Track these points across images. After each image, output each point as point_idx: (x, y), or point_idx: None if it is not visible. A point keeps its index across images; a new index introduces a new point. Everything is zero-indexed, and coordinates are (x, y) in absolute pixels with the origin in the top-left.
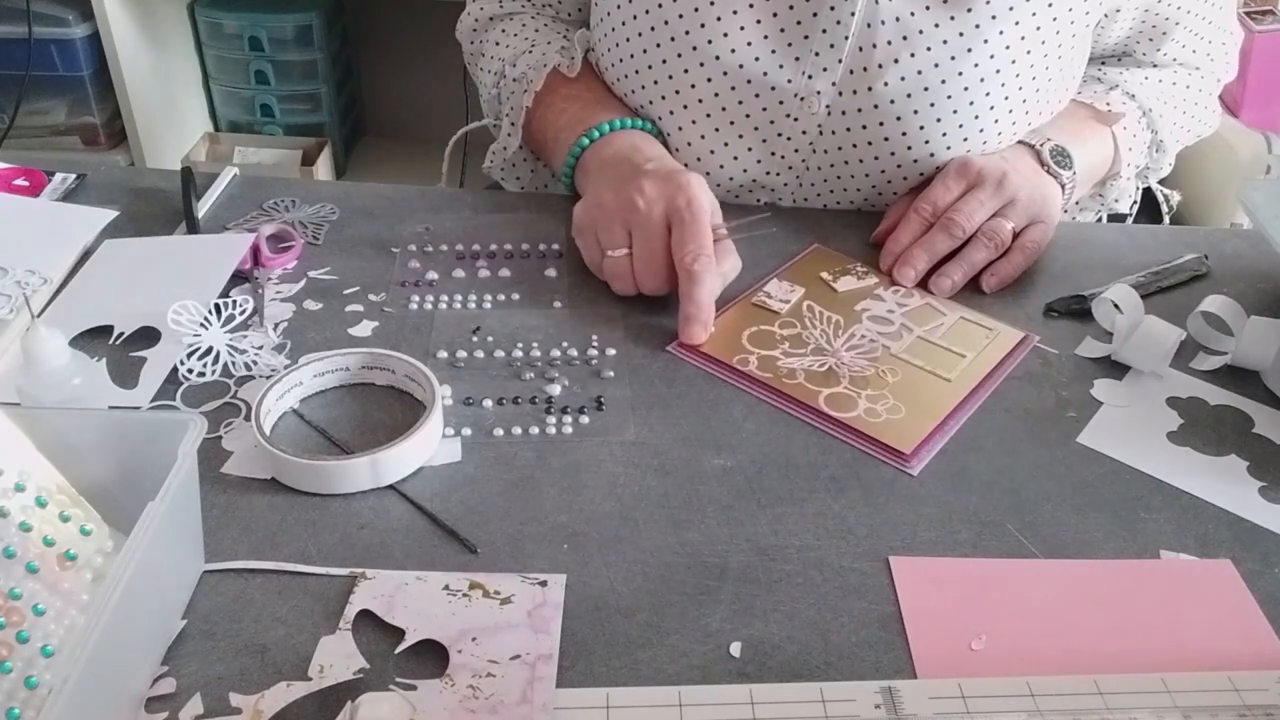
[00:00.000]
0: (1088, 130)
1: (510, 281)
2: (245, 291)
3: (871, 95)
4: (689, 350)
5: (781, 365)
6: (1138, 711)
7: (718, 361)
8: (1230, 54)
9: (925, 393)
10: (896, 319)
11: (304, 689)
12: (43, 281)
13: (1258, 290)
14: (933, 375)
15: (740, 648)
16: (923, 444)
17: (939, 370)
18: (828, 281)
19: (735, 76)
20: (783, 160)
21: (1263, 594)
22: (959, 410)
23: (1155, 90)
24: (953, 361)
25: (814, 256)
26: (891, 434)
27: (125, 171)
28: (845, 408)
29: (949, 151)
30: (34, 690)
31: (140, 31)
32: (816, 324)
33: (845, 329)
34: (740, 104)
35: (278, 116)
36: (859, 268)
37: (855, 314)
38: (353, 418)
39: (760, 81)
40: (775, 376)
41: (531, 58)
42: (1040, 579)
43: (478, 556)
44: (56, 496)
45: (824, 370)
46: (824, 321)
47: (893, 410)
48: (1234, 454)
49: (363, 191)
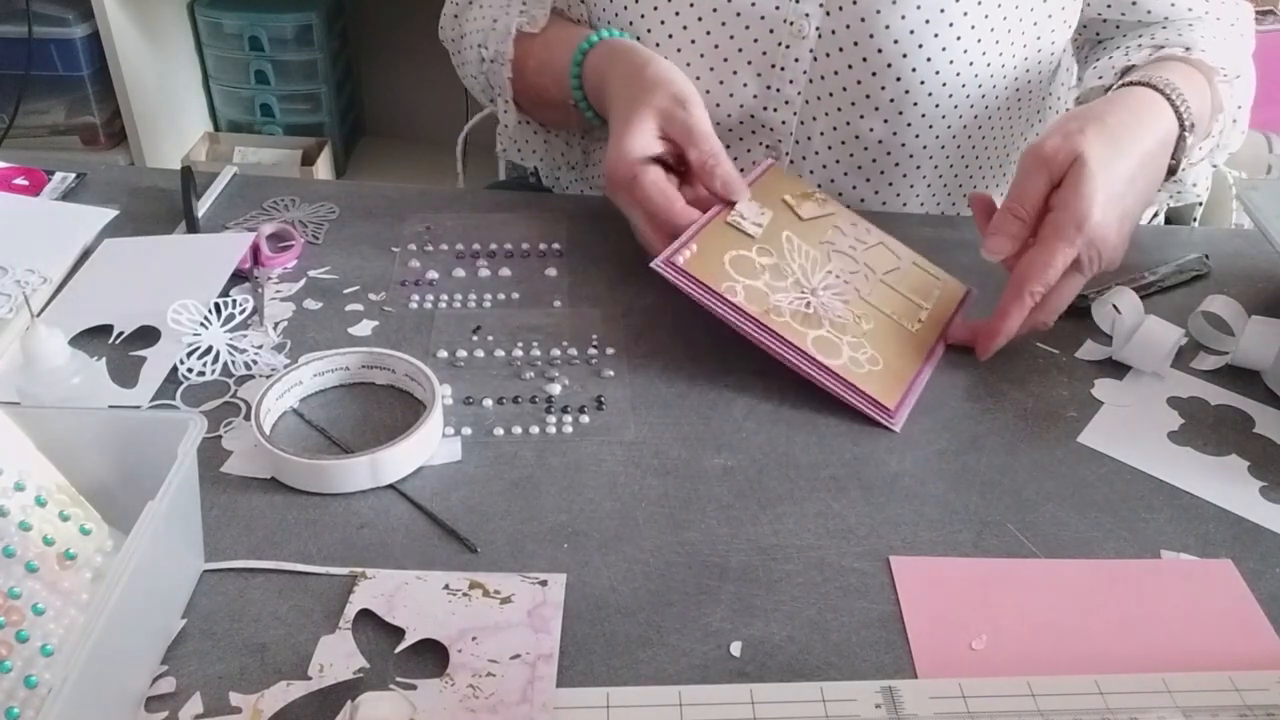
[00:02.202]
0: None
1: (510, 281)
2: (245, 291)
3: (860, 11)
4: (676, 270)
5: (770, 300)
6: (1138, 712)
7: (706, 287)
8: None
9: (895, 344)
10: (859, 258)
11: (304, 688)
12: (42, 281)
13: (1258, 290)
14: (900, 325)
15: (740, 647)
16: (902, 400)
17: (904, 321)
18: (791, 206)
19: (724, 9)
20: (780, 95)
21: (1263, 594)
22: (924, 367)
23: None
24: (913, 310)
25: (772, 175)
26: (874, 386)
27: (125, 171)
28: (831, 354)
29: (956, 79)
30: (33, 690)
31: (140, 31)
32: (795, 257)
33: (821, 266)
34: (732, 38)
35: (278, 116)
36: (818, 194)
37: (823, 248)
38: (353, 417)
39: (749, 11)
40: (764, 311)
41: (496, 34)
42: (1041, 579)
43: (478, 556)
44: (56, 496)
45: (809, 311)
46: (801, 255)
47: (872, 361)
48: (1235, 454)
49: (363, 191)
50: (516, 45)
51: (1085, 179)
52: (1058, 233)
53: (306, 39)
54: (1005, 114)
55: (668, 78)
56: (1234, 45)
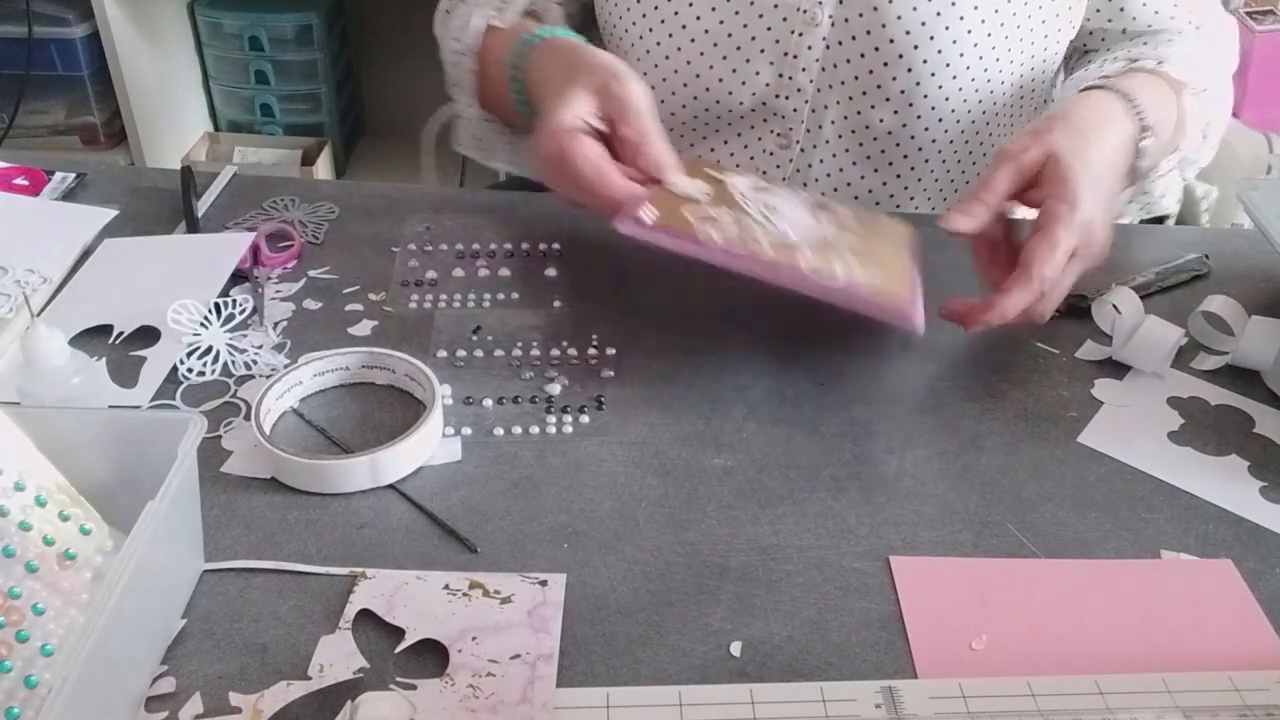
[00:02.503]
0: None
1: (510, 281)
2: (245, 291)
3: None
4: (645, 228)
5: (749, 240)
6: (1138, 711)
7: (677, 234)
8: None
9: (878, 256)
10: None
11: (304, 688)
12: (42, 281)
13: (1258, 290)
14: (874, 242)
15: (740, 647)
16: (913, 299)
17: (876, 240)
18: (714, 176)
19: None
20: (792, 83)
21: (1264, 594)
22: (913, 265)
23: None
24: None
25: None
26: (886, 295)
27: (125, 171)
28: (828, 275)
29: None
30: (33, 690)
31: (140, 31)
32: (751, 207)
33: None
34: (745, 26)
35: (278, 116)
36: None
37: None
38: (352, 417)
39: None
40: (744, 245)
41: (468, 29)
42: (1041, 579)
43: (478, 556)
44: (56, 496)
45: (789, 242)
46: (757, 206)
47: (868, 274)
48: (1235, 454)
49: (363, 191)
50: (485, 39)
51: (1064, 169)
52: (1055, 218)
53: (306, 39)
54: (1010, 110)
55: (606, 61)
56: (1211, 62)
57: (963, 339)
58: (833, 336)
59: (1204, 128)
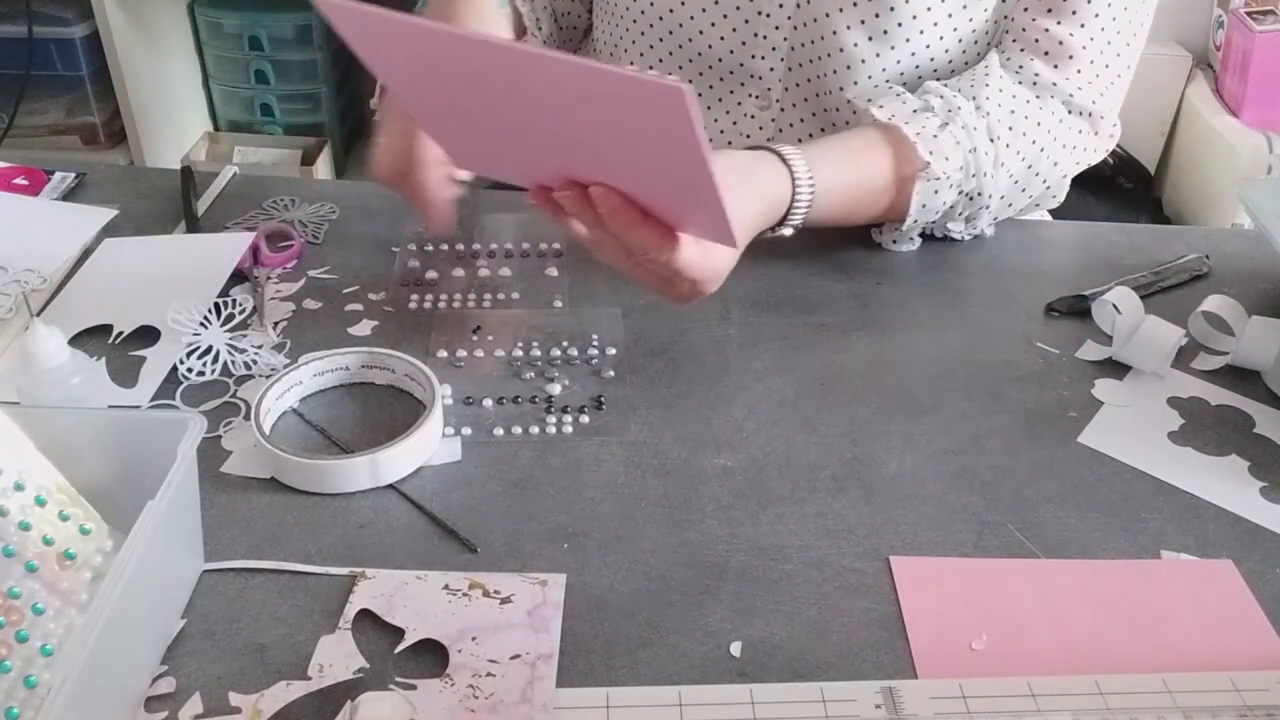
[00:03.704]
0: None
1: (510, 281)
2: (245, 290)
3: None
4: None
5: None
6: (1138, 712)
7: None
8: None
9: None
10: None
11: (303, 688)
12: (42, 280)
13: (1258, 290)
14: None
15: (740, 647)
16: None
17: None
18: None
19: None
20: (766, 41)
21: (1264, 594)
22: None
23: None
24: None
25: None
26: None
27: (125, 171)
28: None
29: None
30: (33, 690)
31: (140, 31)
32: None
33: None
34: None
35: (277, 116)
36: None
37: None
38: (352, 417)
39: None
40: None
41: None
42: (1041, 579)
43: (478, 556)
44: (56, 495)
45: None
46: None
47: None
48: (1235, 454)
49: (363, 191)
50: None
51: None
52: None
53: (306, 39)
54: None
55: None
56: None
57: (963, 339)
58: (833, 337)
59: (1010, 181)
